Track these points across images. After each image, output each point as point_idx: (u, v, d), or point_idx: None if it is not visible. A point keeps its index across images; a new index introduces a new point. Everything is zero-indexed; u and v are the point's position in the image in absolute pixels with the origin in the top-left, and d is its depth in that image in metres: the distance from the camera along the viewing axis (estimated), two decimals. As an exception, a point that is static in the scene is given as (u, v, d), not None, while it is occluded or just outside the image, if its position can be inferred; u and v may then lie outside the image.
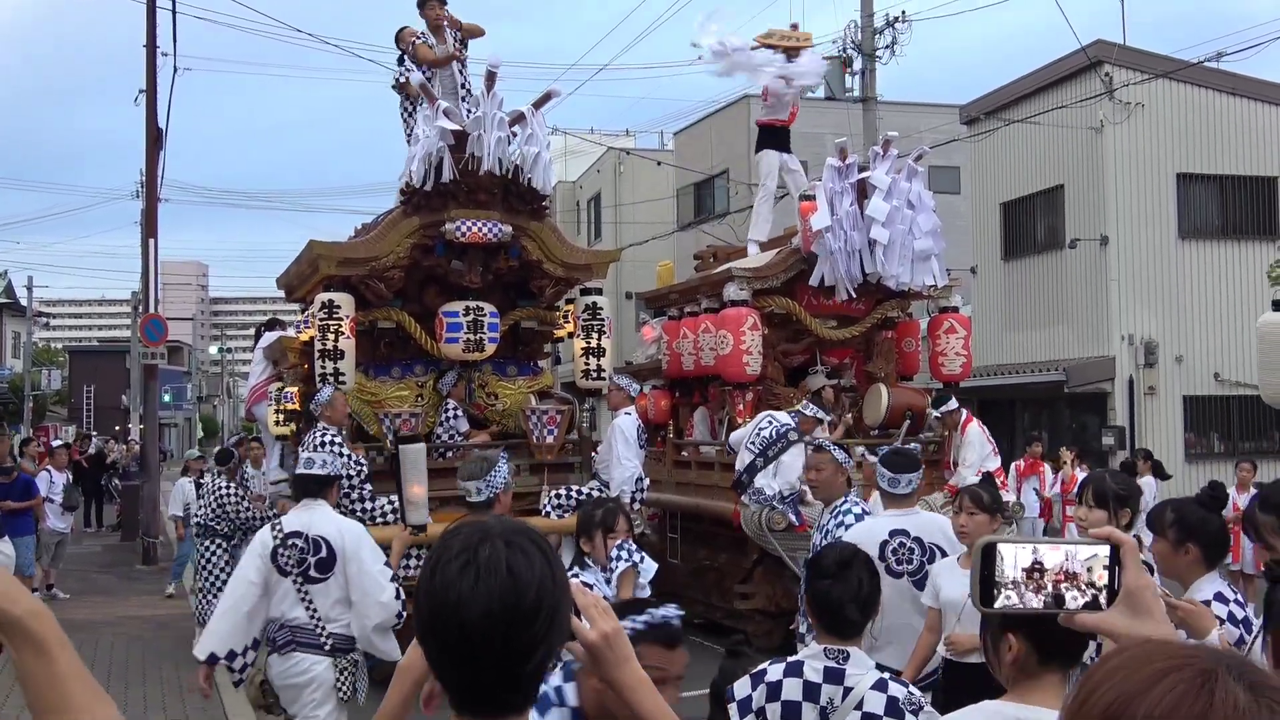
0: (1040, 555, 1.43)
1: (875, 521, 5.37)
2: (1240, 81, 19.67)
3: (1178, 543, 3.64)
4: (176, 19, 18.13)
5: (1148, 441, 18.22)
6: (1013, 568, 1.43)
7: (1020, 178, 21.28)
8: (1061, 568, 1.43)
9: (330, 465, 5.63)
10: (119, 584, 14.82)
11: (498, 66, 9.57)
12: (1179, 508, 3.72)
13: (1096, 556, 1.44)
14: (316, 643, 5.24)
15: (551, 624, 1.53)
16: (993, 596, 1.43)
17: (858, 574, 3.17)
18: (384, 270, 9.28)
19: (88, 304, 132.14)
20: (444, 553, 1.56)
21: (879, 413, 10.71)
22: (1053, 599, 1.44)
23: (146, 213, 18.93)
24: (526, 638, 1.51)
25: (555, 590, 1.55)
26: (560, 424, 9.47)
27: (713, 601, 10.83)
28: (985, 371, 18.70)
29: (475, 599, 1.49)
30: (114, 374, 46.35)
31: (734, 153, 26.32)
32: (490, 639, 1.49)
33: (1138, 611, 1.44)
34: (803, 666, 3.09)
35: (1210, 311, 19.28)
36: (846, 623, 3.12)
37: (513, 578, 1.51)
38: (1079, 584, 1.44)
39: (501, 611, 1.49)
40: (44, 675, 1.26)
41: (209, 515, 10.43)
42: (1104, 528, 1.50)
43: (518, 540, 1.56)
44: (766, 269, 10.78)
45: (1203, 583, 3.60)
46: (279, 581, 5.28)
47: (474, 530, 1.58)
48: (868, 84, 19.90)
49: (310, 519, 5.36)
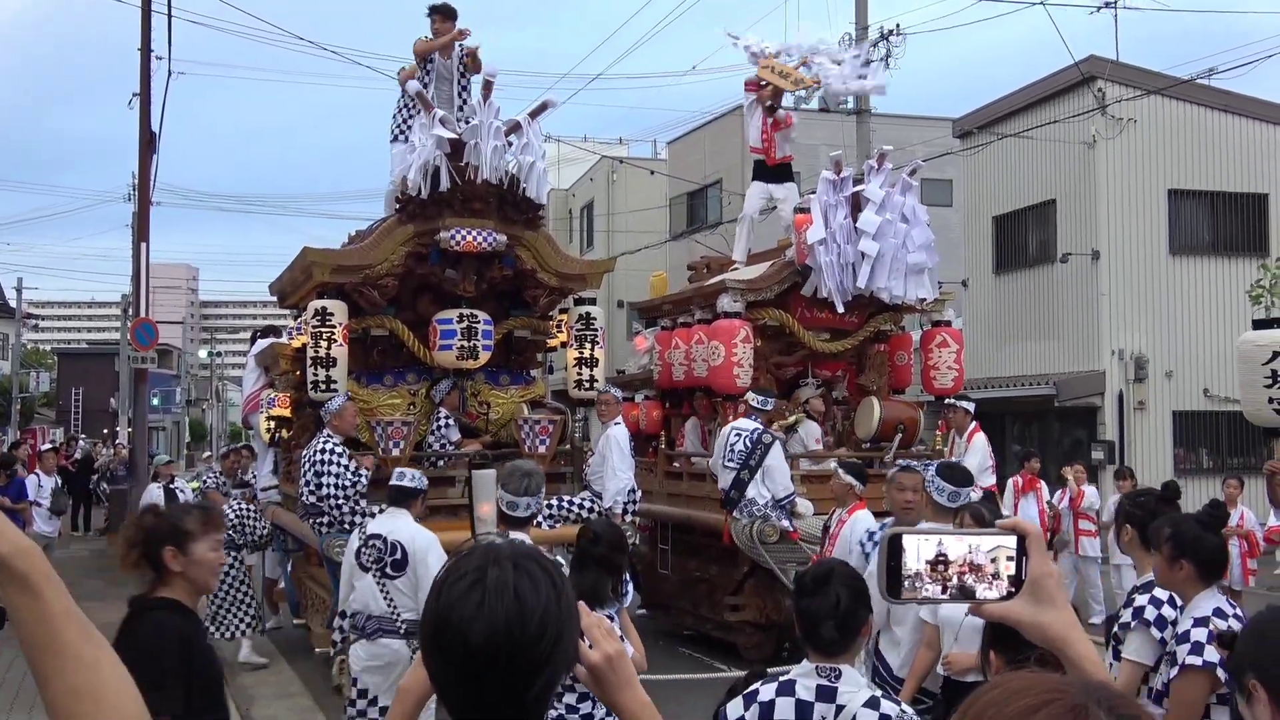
0: (944, 547, 1.45)
1: None
2: (1232, 98, 19.79)
3: (1172, 559, 3.68)
4: (172, 23, 18.13)
5: (1137, 456, 18.29)
6: (916, 560, 1.45)
7: (1012, 192, 21.36)
8: (965, 559, 1.45)
9: (417, 480, 6.44)
10: (107, 589, 14.71)
11: (494, 76, 9.60)
12: (1175, 524, 3.75)
13: (1000, 547, 1.46)
14: (394, 629, 6.08)
15: (555, 649, 1.52)
16: (899, 588, 1.45)
17: (835, 590, 3.13)
18: (378, 278, 9.27)
19: (77, 306, 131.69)
20: (452, 573, 1.56)
21: (871, 426, 10.71)
22: (958, 590, 1.46)
23: (138, 216, 18.88)
24: (531, 662, 1.50)
25: (561, 615, 1.54)
26: (553, 434, 9.45)
27: (703, 613, 10.81)
28: (976, 384, 18.73)
29: (480, 621, 1.49)
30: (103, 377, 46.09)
31: (727, 162, 26.35)
32: (494, 661, 1.49)
33: (1040, 600, 1.47)
34: (795, 685, 3.07)
35: (1200, 327, 19.36)
36: (823, 640, 3.08)
37: (519, 602, 1.50)
38: (984, 575, 1.46)
39: (506, 634, 1.49)
40: (32, 613, 1.26)
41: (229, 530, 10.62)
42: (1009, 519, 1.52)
43: (526, 564, 1.55)
44: (760, 281, 10.79)
45: (1201, 599, 3.63)
46: (362, 575, 6.17)
47: (483, 552, 1.57)
48: (861, 97, 19.96)
49: (392, 525, 6.25)
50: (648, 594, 11.75)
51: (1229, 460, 19.04)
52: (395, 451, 8.93)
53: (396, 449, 8.94)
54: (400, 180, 9.38)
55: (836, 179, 10.61)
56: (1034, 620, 1.46)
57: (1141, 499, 4.50)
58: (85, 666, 1.28)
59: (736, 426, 9.49)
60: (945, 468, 5.39)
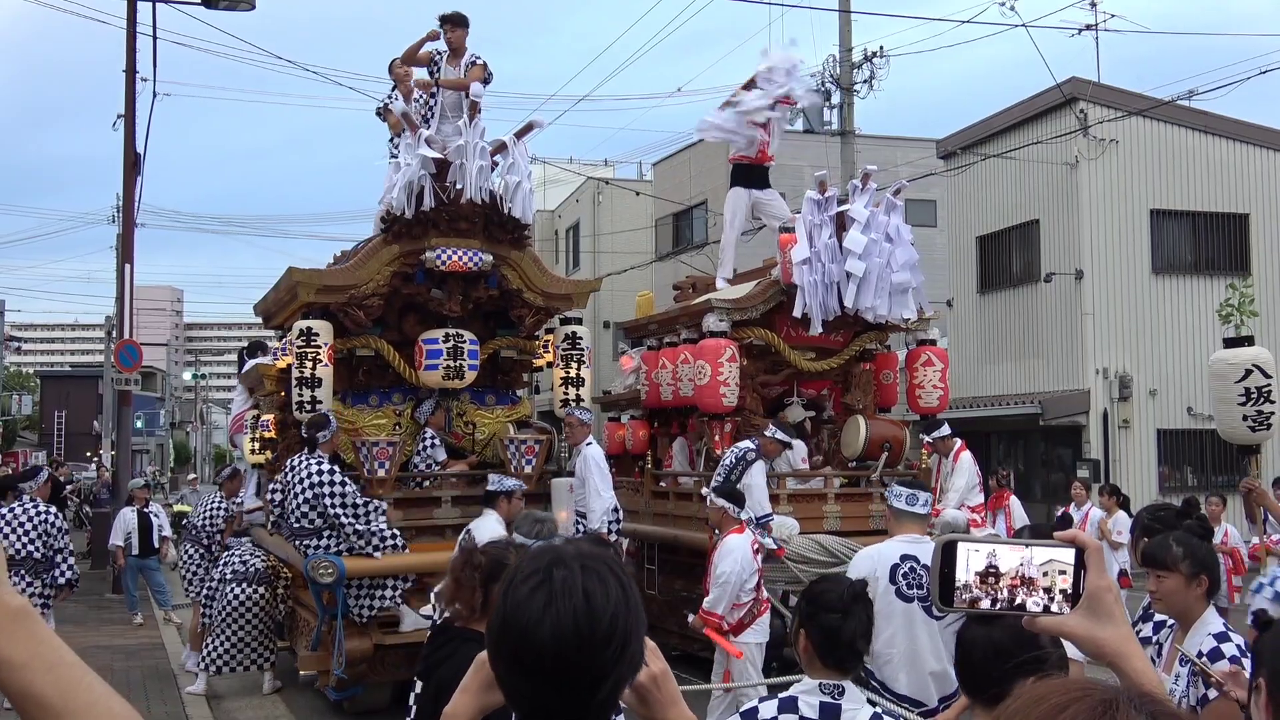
0: (996, 559, 1.43)
1: (887, 545, 5.39)
2: (1213, 120, 19.98)
3: (1192, 575, 3.60)
4: (157, 44, 18.13)
5: (1122, 474, 18.35)
6: (965, 570, 1.43)
7: (996, 212, 21.48)
8: (1017, 572, 1.43)
9: (498, 482, 7.35)
10: (88, 613, 14.62)
11: (480, 97, 9.61)
12: (1184, 541, 3.68)
13: (1053, 561, 1.44)
14: None
15: (624, 652, 1.49)
16: (952, 596, 1.43)
17: (865, 609, 3.18)
18: (363, 298, 9.24)
19: (60, 328, 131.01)
20: (517, 574, 1.53)
21: (857, 445, 10.72)
22: (1007, 602, 1.43)
23: (123, 237, 18.82)
24: (598, 665, 1.47)
25: (630, 619, 1.51)
26: (538, 454, 9.43)
27: (689, 634, 10.77)
28: (961, 403, 18.80)
29: (547, 622, 1.46)
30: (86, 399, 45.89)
31: (713, 183, 26.44)
32: (561, 663, 1.46)
33: (1098, 614, 1.44)
34: (797, 702, 3.05)
35: (1183, 346, 19.48)
36: (853, 657, 3.13)
37: (588, 602, 1.48)
38: (1036, 588, 1.44)
39: (574, 635, 1.46)
40: (14, 685, 1.15)
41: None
42: (1069, 531, 1.51)
43: (594, 565, 1.53)
44: (746, 300, 10.80)
45: (1210, 615, 3.58)
46: None
47: (548, 553, 1.55)
48: (846, 117, 20.11)
49: (479, 523, 6.96)
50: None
51: (1213, 478, 19.11)
52: (380, 472, 8.89)
53: (382, 469, 8.90)
54: (387, 200, 9.37)
55: (821, 199, 10.64)
56: (1090, 635, 1.44)
57: (1162, 513, 4.49)
58: None
59: (736, 446, 9.49)
60: (904, 479, 5.44)
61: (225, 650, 9.46)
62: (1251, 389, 6.17)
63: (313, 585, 8.28)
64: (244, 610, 9.57)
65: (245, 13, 17.59)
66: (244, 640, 9.56)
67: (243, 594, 9.58)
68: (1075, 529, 1.53)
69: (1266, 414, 6.18)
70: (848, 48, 19.71)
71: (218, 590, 9.74)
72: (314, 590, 8.34)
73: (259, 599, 9.63)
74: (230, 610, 9.54)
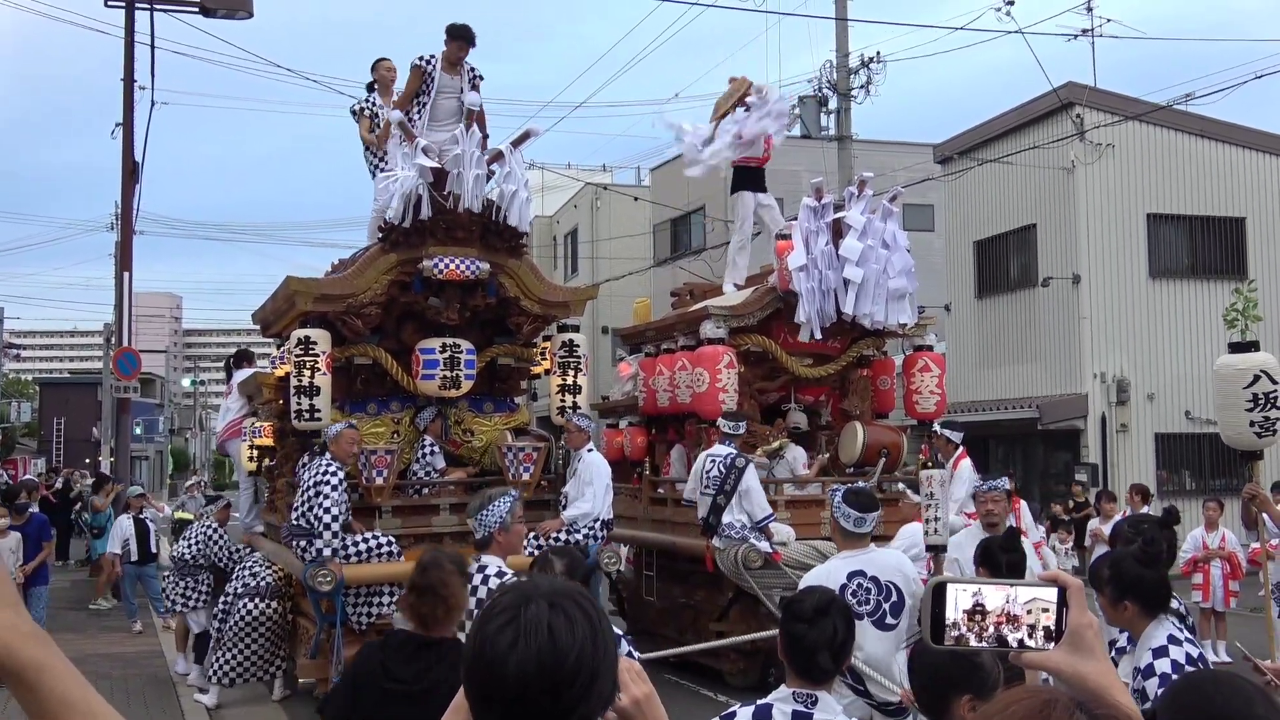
0: (982, 598, 1.48)
1: (833, 564, 5.37)
2: (1209, 124, 20.01)
3: (1115, 600, 3.66)
4: (155, 53, 18.16)
5: (1120, 479, 18.35)
6: (954, 609, 1.48)
7: (993, 216, 21.51)
8: (1003, 610, 1.49)
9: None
10: (86, 620, 14.63)
11: (477, 106, 9.64)
12: (1115, 564, 3.71)
13: (1037, 600, 1.49)
14: None
15: (590, 690, 1.52)
16: (943, 635, 1.48)
17: (834, 621, 3.17)
18: (361, 306, 9.26)
19: (59, 336, 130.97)
20: (490, 609, 1.56)
21: (854, 451, 10.74)
22: (994, 640, 1.49)
23: (121, 245, 18.86)
24: (563, 701, 1.50)
25: (596, 656, 1.53)
26: (537, 461, 9.45)
27: (688, 640, 10.78)
28: (959, 408, 18.81)
29: (513, 658, 1.49)
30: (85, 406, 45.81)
31: (711, 189, 26.41)
32: (527, 699, 1.49)
33: (1080, 650, 1.50)
34: (771, 709, 3.10)
35: (1181, 350, 19.50)
36: (819, 669, 3.13)
37: (553, 640, 1.50)
38: (1020, 625, 1.49)
39: (537, 672, 1.48)
40: (31, 705, 1.24)
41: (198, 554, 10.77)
42: (1051, 570, 1.58)
43: (562, 602, 1.55)
44: (743, 307, 10.83)
45: (1153, 629, 3.60)
46: None
47: (521, 589, 1.58)
48: (843, 123, 20.16)
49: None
50: (632, 621, 11.72)
51: (1211, 482, 19.13)
52: (379, 480, 8.91)
53: (380, 477, 8.92)
54: (383, 209, 9.39)
55: (818, 205, 10.67)
56: (1074, 670, 1.49)
57: (1144, 525, 4.53)
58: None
59: (711, 453, 9.51)
60: (851, 493, 5.30)
61: (237, 664, 9.39)
62: (1259, 394, 6.15)
63: (311, 593, 8.29)
64: (256, 625, 9.44)
65: (243, 21, 17.63)
66: (255, 654, 9.48)
67: (255, 609, 9.42)
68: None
69: (1273, 420, 6.14)
70: (845, 53, 19.77)
71: (231, 605, 9.64)
72: (313, 598, 8.35)
73: (271, 614, 9.47)
74: (243, 626, 9.39)
